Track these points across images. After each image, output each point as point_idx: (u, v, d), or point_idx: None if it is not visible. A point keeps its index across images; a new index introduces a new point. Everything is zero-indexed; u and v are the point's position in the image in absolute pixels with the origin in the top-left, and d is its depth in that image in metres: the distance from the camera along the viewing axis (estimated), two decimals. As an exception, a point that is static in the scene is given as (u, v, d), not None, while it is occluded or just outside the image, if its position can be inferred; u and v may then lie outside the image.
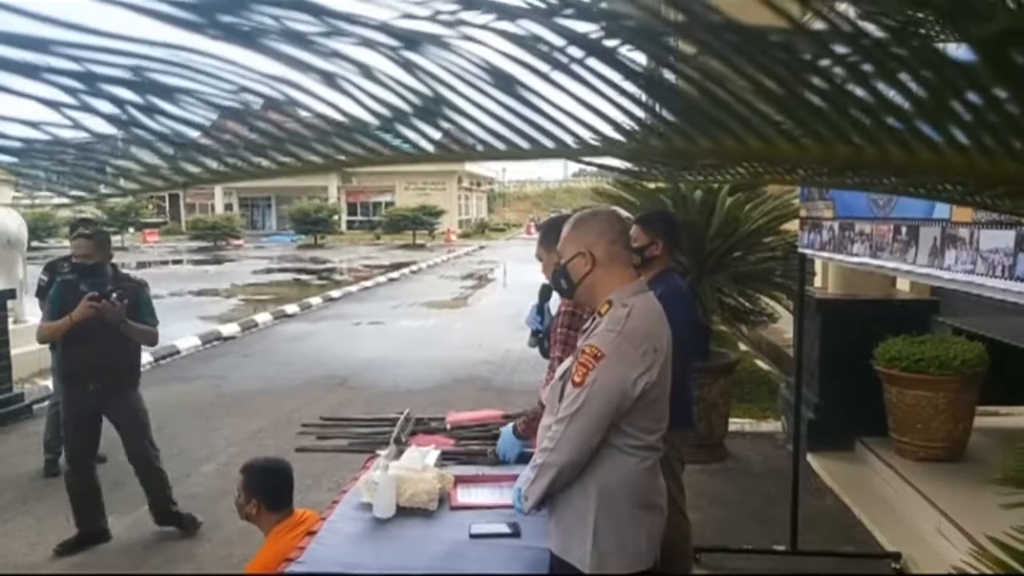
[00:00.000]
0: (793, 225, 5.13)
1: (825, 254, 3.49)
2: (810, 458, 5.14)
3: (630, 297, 2.09)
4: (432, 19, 0.56)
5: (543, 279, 3.17)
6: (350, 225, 42.30)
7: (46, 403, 5.80)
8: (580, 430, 2.00)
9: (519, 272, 20.20)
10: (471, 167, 47.88)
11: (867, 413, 4.89)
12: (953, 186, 0.74)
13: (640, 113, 0.62)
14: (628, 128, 0.63)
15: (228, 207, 41.77)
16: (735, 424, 6.02)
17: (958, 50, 0.52)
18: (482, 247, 34.17)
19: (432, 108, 0.58)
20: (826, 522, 4.34)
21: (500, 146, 0.61)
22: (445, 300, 15.56)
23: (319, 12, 0.53)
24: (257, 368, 8.99)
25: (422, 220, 35.81)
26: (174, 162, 0.61)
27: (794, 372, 4.18)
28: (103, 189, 0.64)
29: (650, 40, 0.56)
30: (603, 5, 0.60)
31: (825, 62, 0.50)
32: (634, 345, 2.02)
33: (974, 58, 0.47)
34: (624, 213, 2.56)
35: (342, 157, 0.63)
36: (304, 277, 20.51)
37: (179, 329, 11.26)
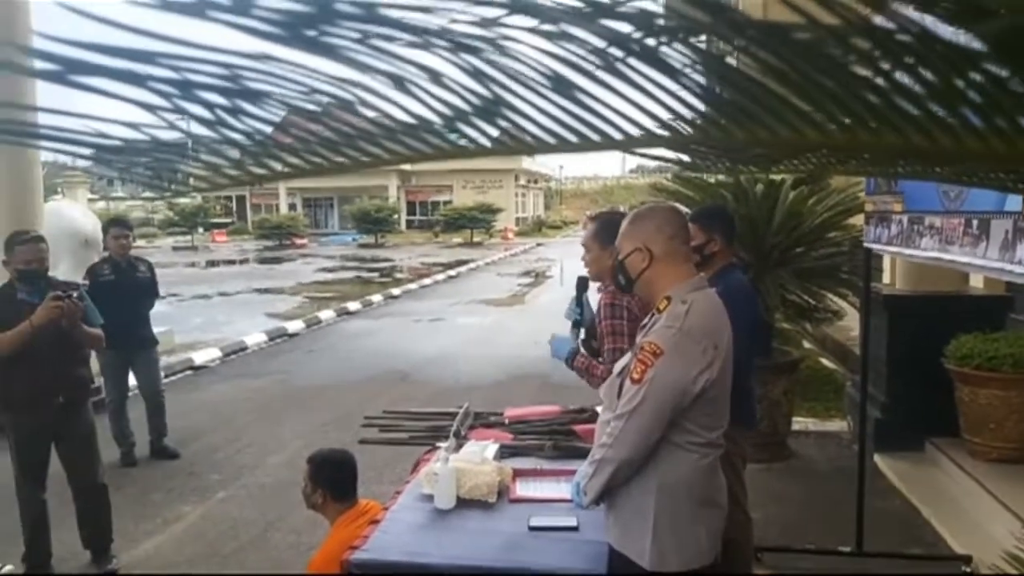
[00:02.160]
0: (860, 219, 5.01)
1: (893, 248, 3.40)
2: (877, 459, 5.00)
3: (689, 293, 2.07)
4: (484, 24, 0.60)
5: (583, 270, 3.15)
6: (409, 224, 42.85)
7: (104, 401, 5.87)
8: (638, 427, 2.00)
9: (576, 269, 20.11)
10: (528, 164, 47.91)
11: (937, 413, 4.73)
12: (1006, 174, 0.73)
13: (700, 105, 0.65)
14: (689, 118, 0.66)
15: (292, 207, 42.80)
16: (799, 423, 5.90)
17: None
18: (539, 244, 34.20)
19: (490, 108, 0.62)
20: (893, 524, 4.22)
21: (572, 138, 0.64)
22: (503, 298, 15.65)
23: (388, 23, 0.57)
24: (322, 364, 9.23)
25: (479, 218, 36.04)
26: (257, 159, 0.66)
27: (860, 370, 4.08)
28: (190, 183, 0.70)
29: (710, 34, 0.59)
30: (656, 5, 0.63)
31: (866, 53, 0.51)
32: (694, 342, 2.00)
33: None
34: (684, 209, 2.54)
35: (409, 153, 0.67)
36: (365, 275, 20.90)
37: (246, 326, 11.67)
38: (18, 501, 3.89)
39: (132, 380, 5.92)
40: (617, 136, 0.64)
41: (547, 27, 0.58)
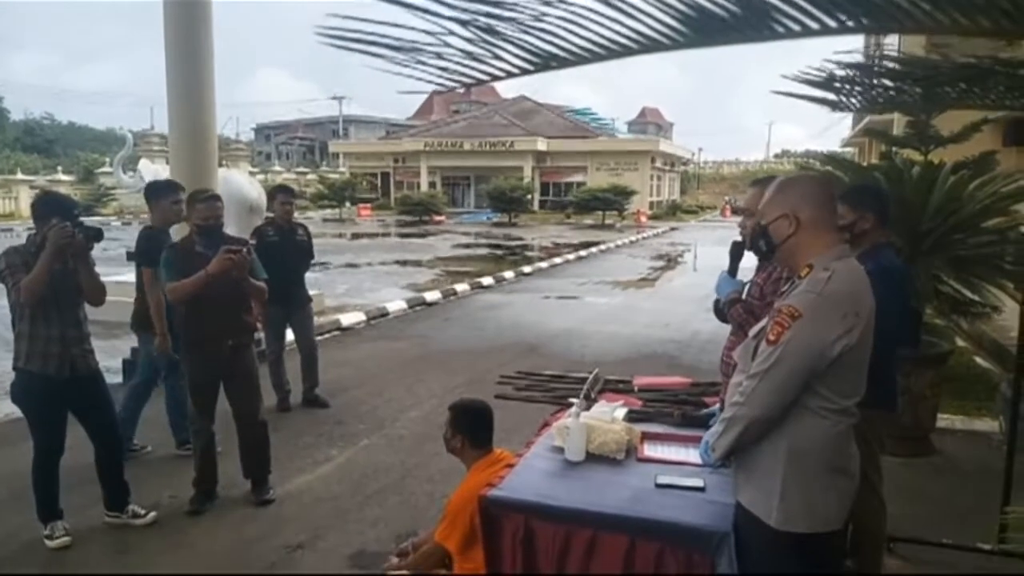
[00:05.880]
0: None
1: (1059, 234, 3.19)
2: (1031, 461, 4.68)
3: (832, 261, 2.07)
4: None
5: (737, 236, 3.02)
6: (542, 204, 43.14)
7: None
8: (771, 387, 2.03)
9: (711, 255, 19.68)
10: (664, 147, 46.89)
11: (1105, 417, 4.36)
12: None
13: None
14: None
15: (432, 185, 44.19)
16: (945, 420, 5.60)
17: None
18: (673, 229, 33.55)
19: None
20: (1045, 529, 3.97)
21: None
22: (632, 279, 15.58)
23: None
24: (456, 331, 9.64)
25: (612, 200, 35.71)
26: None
27: (1014, 365, 3.85)
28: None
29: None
30: None
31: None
32: (834, 307, 2.00)
33: None
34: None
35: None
36: (498, 252, 21.36)
37: (388, 294, 12.35)
38: (191, 432, 4.41)
39: (289, 335, 6.47)
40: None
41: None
